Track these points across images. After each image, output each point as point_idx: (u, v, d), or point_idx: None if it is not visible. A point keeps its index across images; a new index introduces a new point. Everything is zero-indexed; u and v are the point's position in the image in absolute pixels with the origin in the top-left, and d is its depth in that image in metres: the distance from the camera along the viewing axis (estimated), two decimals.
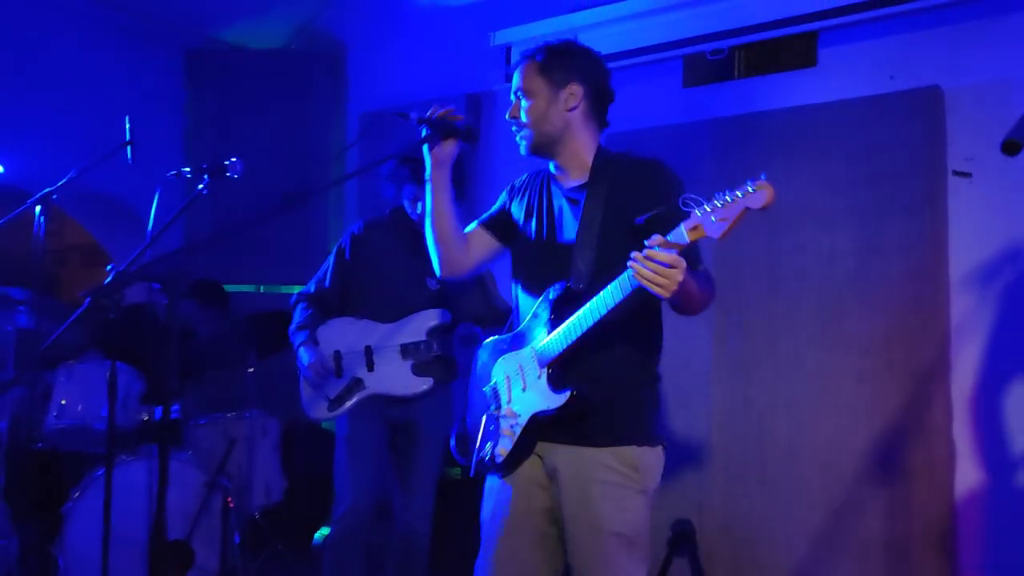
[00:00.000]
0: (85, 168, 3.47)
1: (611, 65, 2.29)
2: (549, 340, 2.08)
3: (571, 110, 2.20)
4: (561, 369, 2.07)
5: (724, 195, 1.79)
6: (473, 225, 2.40)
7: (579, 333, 2.00)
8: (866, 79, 3.59)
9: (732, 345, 3.74)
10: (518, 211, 2.35)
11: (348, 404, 3.22)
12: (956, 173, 3.37)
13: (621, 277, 1.91)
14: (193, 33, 5.51)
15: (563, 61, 2.21)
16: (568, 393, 2.03)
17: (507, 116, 2.25)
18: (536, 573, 2.16)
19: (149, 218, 5.46)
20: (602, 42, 4.09)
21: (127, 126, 3.45)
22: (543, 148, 2.23)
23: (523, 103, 2.21)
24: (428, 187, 2.28)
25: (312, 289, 3.41)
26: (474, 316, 3.46)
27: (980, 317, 3.32)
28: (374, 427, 3.22)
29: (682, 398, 3.74)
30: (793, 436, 3.54)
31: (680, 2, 3.97)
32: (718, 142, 3.87)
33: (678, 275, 1.81)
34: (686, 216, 1.84)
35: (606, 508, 2.04)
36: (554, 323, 2.09)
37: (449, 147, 2.24)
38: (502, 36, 4.52)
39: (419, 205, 3.22)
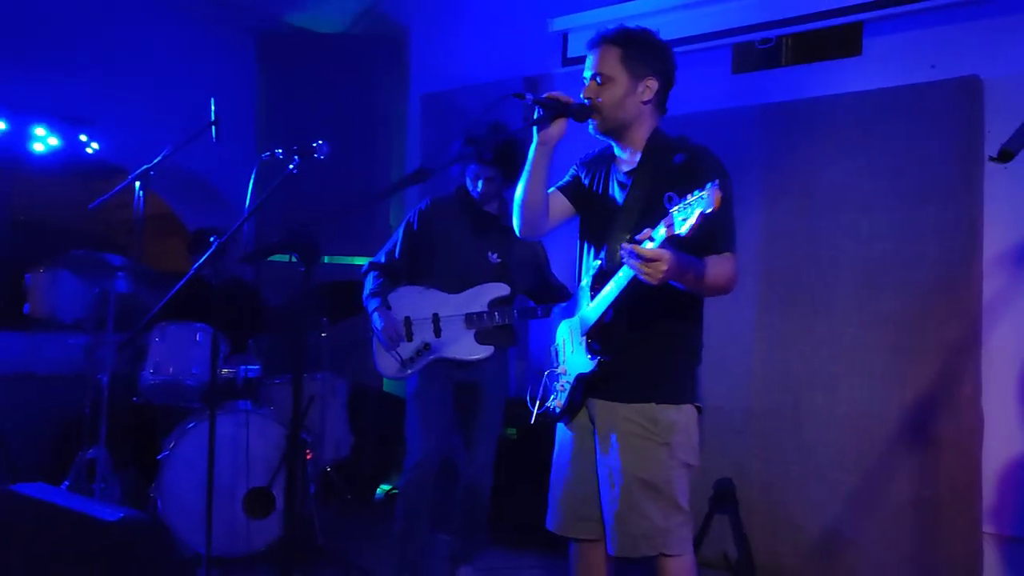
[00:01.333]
0: (177, 146, 3.75)
1: None
2: (588, 311, 2.35)
3: (645, 103, 2.34)
4: (596, 337, 2.33)
5: (690, 196, 1.95)
6: (551, 189, 2.50)
7: (604, 307, 2.26)
8: (908, 68, 3.76)
9: (773, 319, 3.97)
10: (586, 183, 2.53)
11: (417, 366, 3.49)
12: (992, 159, 3.53)
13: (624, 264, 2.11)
14: (264, 17, 5.80)
15: (644, 53, 2.33)
16: (596, 360, 2.30)
17: (582, 95, 2.36)
18: (587, 505, 2.40)
19: (223, 191, 5.84)
20: (656, 29, 4.35)
21: (212, 107, 3.72)
22: (611, 132, 2.39)
23: (601, 88, 2.32)
24: (530, 159, 2.37)
25: (382, 260, 3.66)
26: (528, 289, 3.72)
27: (1011, 297, 3.51)
28: (441, 387, 3.48)
29: (725, 367, 3.97)
30: (829, 405, 3.77)
31: None
32: (765, 127, 4.08)
33: (661, 266, 1.99)
34: (666, 212, 2.01)
35: (627, 455, 2.28)
36: (593, 296, 2.34)
37: (558, 127, 2.31)
38: (560, 22, 4.74)
39: (479, 183, 3.45)
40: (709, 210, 1.89)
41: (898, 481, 3.57)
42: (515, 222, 2.49)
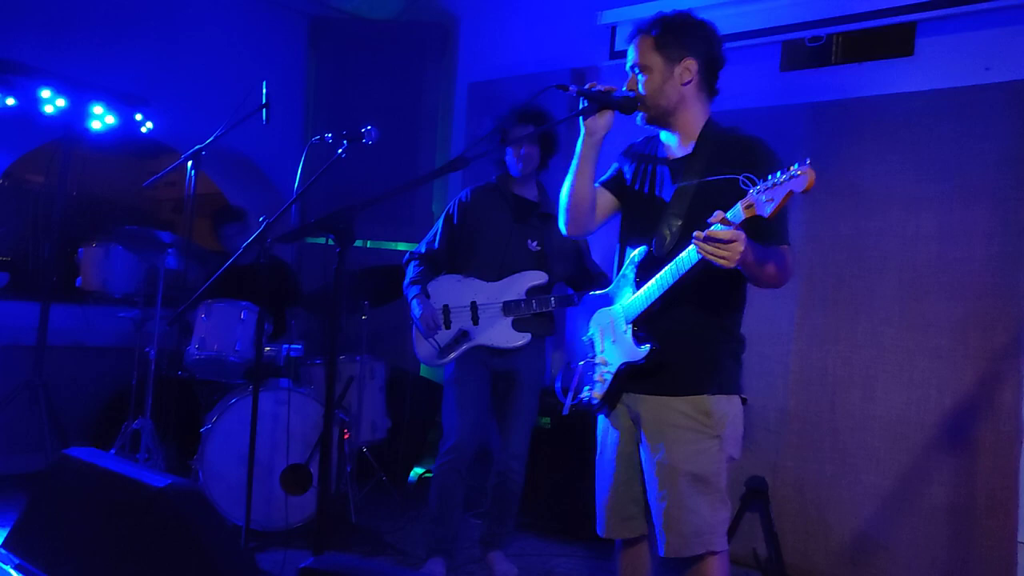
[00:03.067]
0: (229, 127, 3.82)
1: None
2: (634, 299, 2.31)
3: (685, 84, 2.31)
4: (644, 325, 2.29)
5: (774, 177, 1.96)
6: (595, 185, 2.49)
7: (658, 295, 2.22)
8: (961, 70, 3.71)
9: (814, 318, 3.96)
10: (628, 174, 2.52)
11: (455, 353, 3.53)
12: None
13: (689, 249, 2.09)
14: (317, 2, 5.88)
15: (678, 36, 2.30)
16: (648, 348, 2.26)
17: (624, 88, 2.36)
18: (633, 504, 2.40)
19: (269, 173, 5.93)
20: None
21: (264, 90, 3.79)
22: (658, 120, 2.36)
23: (640, 78, 2.31)
24: (577, 152, 2.37)
25: (423, 249, 3.72)
26: (567, 277, 3.75)
27: None
28: (478, 374, 3.53)
29: (763, 364, 3.98)
30: (866, 407, 3.76)
31: None
32: (813, 125, 4.05)
33: (738, 247, 1.96)
34: (743, 194, 2.00)
35: (681, 450, 2.24)
36: (638, 284, 2.31)
37: (604, 119, 2.31)
38: (609, 16, 4.74)
39: (520, 152, 3.50)
40: (802, 190, 1.89)
41: (933, 486, 3.55)
42: (561, 220, 2.48)
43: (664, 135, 2.43)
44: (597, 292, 2.54)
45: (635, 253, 2.36)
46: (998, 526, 3.40)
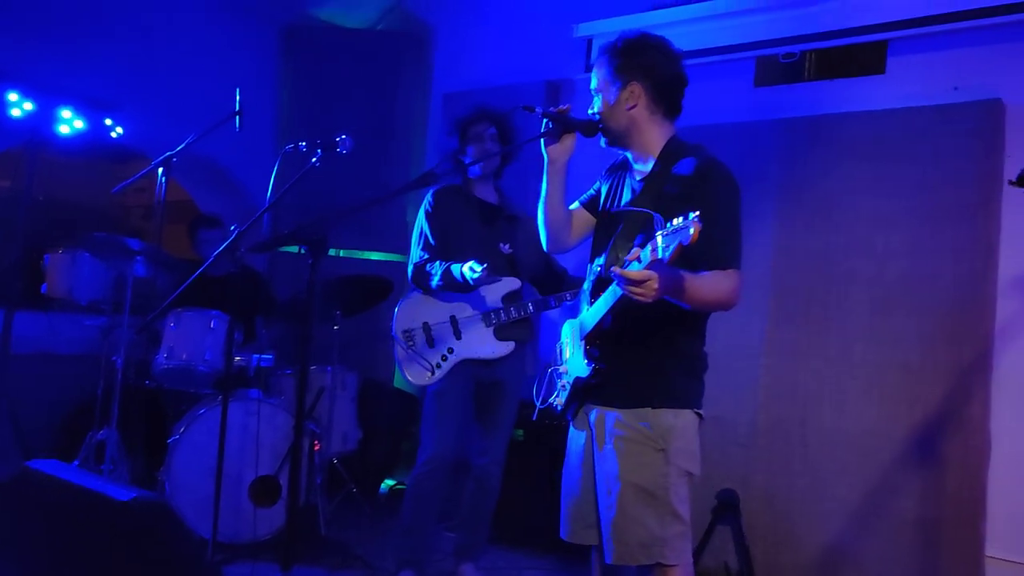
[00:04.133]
0: (201, 134, 3.78)
1: (686, 63, 2.43)
2: (586, 314, 2.36)
3: (630, 108, 2.33)
4: (594, 343, 2.35)
5: (670, 225, 1.92)
6: (575, 204, 2.58)
7: (602, 313, 2.26)
8: (931, 88, 3.77)
9: (784, 333, 3.98)
10: (604, 192, 2.55)
11: (444, 370, 3.47)
12: (1012, 183, 3.54)
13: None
14: (291, 10, 5.84)
15: (626, 61, 2.34)
16: (592, 367, 2.32)
17: (588, 112, 2.43)
18: (594, 512, 2.38)
19: (241, 180, 5.87)
20: (679, 40, 4.24)
21: (237, 97, 3.75)
22: (617, 142, 2.44)
23: (596, 101, 2.41)
24: (544, 180, 2.45)
25: (426, 254, 3.55)
26: (535, 279, 3.73)
27: None
28: (462, 385, 3.49)
29: (733, 379, 3.99)
30: (836, 421, 3.78)
31: (755, 6, 4.19)
32: (785, 141, 4.09)
33: (652, 285, 1.98)
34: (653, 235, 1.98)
35: (624, 462, 2.27)
36: (592, 300, 2.36)
37: (565, 145, 2.39)
38: (584, 28, 4.77)
39: (476, 147, 3.48)
40: (687, 243, 1.87)
41: (902, 500, 3.58)
42: (542, 238, 2.56)
43: (629, 155, 2.47)
44: (571, 302, 2.58)
45: (593, 270, 2.42)
46: (966, 539, 3.44)
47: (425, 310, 3.54)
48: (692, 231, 1.86)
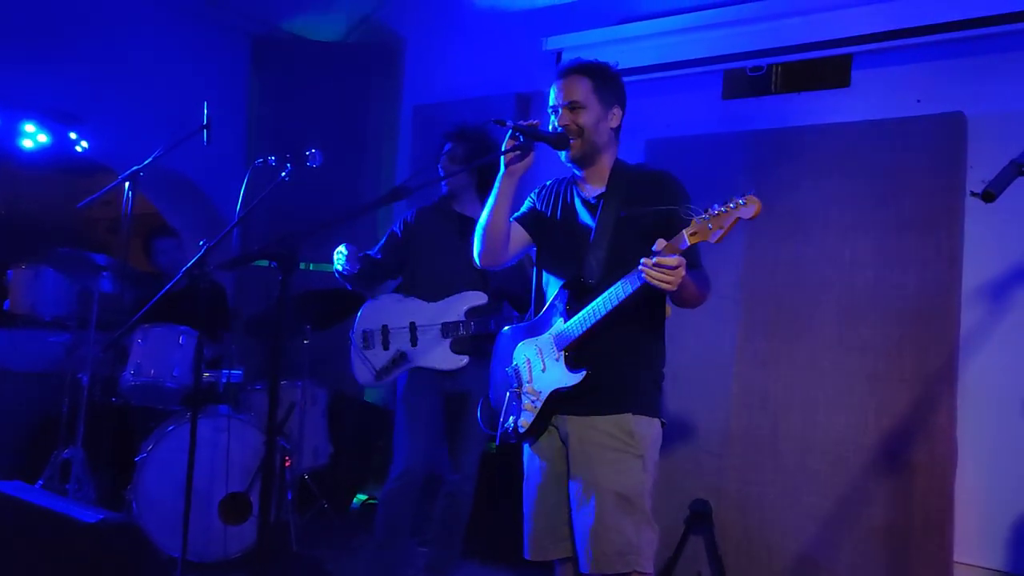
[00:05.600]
0: (168, 148, 3.74)
1: (655, 76, 2.53)
2: (567, 326, 2.38)
3: (613, 129, 2.52)
4: (576, 352, 2.37)
5: (719, 206, 2.08)
6: (514, 217, 2.62)
7: (594, 320, 2.30)
8: (895, 102, 3.83)
9: (754, 342, 4.01)
10: (546, 211, 2.62)
11: (392, 375, 3.49)
12: (973, 194, 3.59)
13: (630, 275, 2.19)
14: (260, 22, 5.81)
15: (611, 85, 2.50)
16: (584, 373, 2.34)
17: (557, 124, 2.45)
18: (566, 525, 2.42)
19: (210, 194, 5.82)
20: (648, 53, 4.42)
21: (205, 110, 3.71)
22: (586, 158, 2.49)
23: (577, 115, 2.43)
24: (495, 187, 2.49)
25: (371, 252, 3.62)
26: (512, 296, 3.74)
27: (988, 329, 3.57)
28: (430, 397, 3.48)
29: (704, 388, 4.00)
30: (807, 430, 3.81)
31: (722, 21, 4.23)
32: (753, 153, 4.13)
33: (681, 272, 2.10)
34: (686, 222, 2.11)
35: (605, 469, 2.32)
36: (569, 312, 2.39)
37: (526, 161, 2.45)
38: (554, 42, 4.78)
39: (443, 161, 3.51)
40: (749, 217, 2.02)
41: (872, 507, 3.61)
42: (476, 251, 2.57)
43: (580, 174, 2.56)
44: (518, 324, 2.63)
45: (562, 284, 2.45)
46: (934, 546, 3.47)
47: (386, 314, 3.55)
48: (755, 207, 2.02)
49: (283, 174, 3.13)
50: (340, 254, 3.38)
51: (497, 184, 2.49)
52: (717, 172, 4.00)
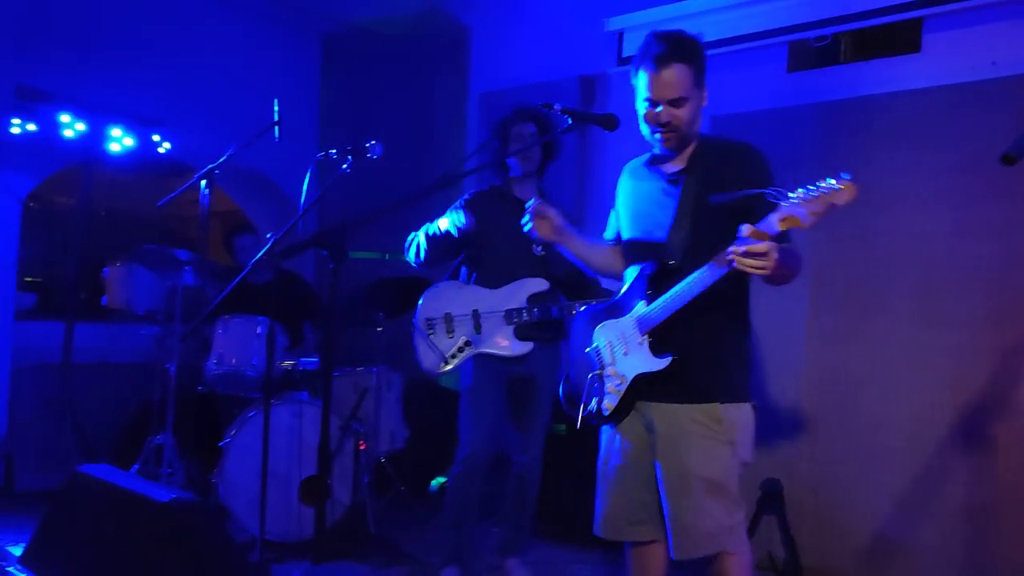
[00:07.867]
0: (241, 146, 3.88)
1: (718, 51, 2.42)
2: (649, 310, 2.34)
3: (701, 108, 2.38)
4: (660, 336, 2.34)
5: (812, 189, 1.96)
6: (608, 244, 2.68)
7: (680, 304, 2.25)
8: (969, 65, 3.66)
9: (827, 318, 3.93)
10: (623, 200, 2.59)
11: (458, 361, 3.53)
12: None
13: (716, 258, 2.13)
14: (330, 19, 5.95)
15: (704, 65, 2.35)
16: (669, 359, 2.30)
17: (660, 123, 2.32)
18: (643, 510, 2.44)
19: (285, 189, 6.01)
20: (711, 28, 4.34)
21: (276, 108, 3.84)
22: (678, 148, 2.39)
23: (680, 110, 2.31)
24: (570, 256, 2.69)
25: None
26: (566, 283, 3.73)
27: None
28: (494, 381, 3.53)
29: (776, 365, 3.95)
30: (882, 407, 3.72)
31: None
32: (821, 126, 4.03)
33: (773, 256, 2.01)
34: (772, 205, 2.02)
35: (695, 457, 2.29)
36: (651, 296, 2.35)
37: (545, 226, 2.62)
38: (616, 22, 4.76)
39: (516, 144, 3.53)
40: (843, 203, 1.93)
41: (951, 486, 3.50)
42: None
43: (661, 157, 2.46)
44: (596, 305, 2.60)
45: (646, 266, 2.40)
46: (1019, 525, 3.35)
47: (449, 301, 3.57)
48: (850, 192, 1.92)
49: (344, 166, 3.21)
50: (457, 212, 3.46)
51: (565, 251, 2.67)
52: (785, 147, 3.88)
